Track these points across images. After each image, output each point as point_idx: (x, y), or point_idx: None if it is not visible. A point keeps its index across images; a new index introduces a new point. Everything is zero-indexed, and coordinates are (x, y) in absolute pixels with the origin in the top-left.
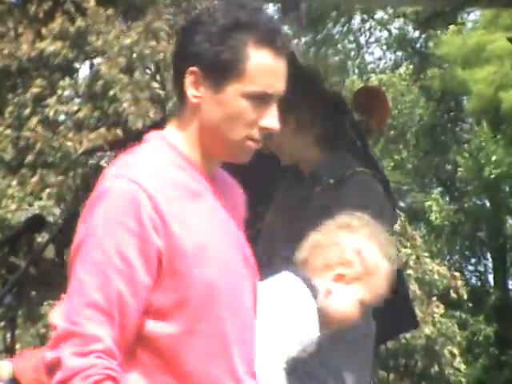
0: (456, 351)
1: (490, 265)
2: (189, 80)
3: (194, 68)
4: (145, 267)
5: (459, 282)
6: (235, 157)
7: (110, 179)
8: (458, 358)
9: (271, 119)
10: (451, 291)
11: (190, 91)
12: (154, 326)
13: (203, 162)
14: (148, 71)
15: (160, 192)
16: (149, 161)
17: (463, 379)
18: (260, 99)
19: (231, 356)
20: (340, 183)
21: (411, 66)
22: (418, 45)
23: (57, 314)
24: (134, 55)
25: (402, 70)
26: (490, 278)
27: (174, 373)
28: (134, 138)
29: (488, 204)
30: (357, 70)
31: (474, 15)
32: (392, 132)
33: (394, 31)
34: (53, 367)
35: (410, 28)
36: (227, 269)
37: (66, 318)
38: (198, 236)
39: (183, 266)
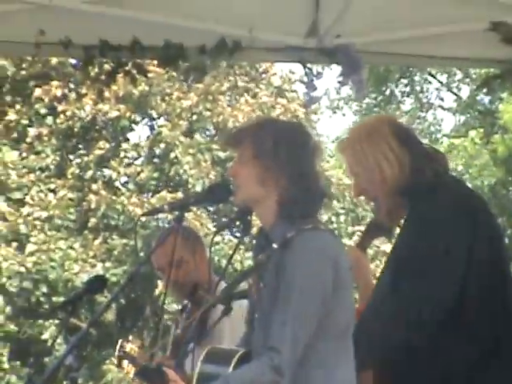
0: None
1: None
2: None
3: None
4: None
5: None
6: None
7: None
8: None
9: None
10: None
11: None
12: None
13: None
14: (208, 133)
15: None
16: None
17: None
18: None
19: None
20: (284, 246)
21: (482, 130)
22: (486, 109)
23: None
24: (194, 117)
25: (472, 134)
26: None
27: None
28: (193, 200)
29: None
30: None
31: None
32: None
33: (461, 94)
34: None
35: (481, 93)
36: None
37: None
38: None
39: None
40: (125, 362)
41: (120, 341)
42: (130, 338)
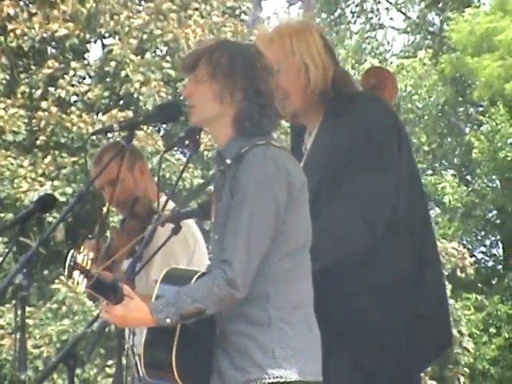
0: (465, 331)
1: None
2: None
3: None
4: None
5: (467, 261)
6: None
7: None
8: (466, 338)
9: None
10: (458, 270)
11: None
12: None
13: None
14: (159, 52)
15: None
16: None
17: (472, 359)
18: None
19: None
20: (237, 160)
21: (431, 51)
22: (436, 29)
23: None
24: (145, 36)
25: (421, 54)
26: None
27: None
28: (142, 118)
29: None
30: (373, 53)
31: None
32: (411, 115)
33: (411, 14)
34: None
35: (431, 13)
36: None
37: None
38: None
39: None
40: (75, 273)
41: (71, 251)
42: (82, 249)
